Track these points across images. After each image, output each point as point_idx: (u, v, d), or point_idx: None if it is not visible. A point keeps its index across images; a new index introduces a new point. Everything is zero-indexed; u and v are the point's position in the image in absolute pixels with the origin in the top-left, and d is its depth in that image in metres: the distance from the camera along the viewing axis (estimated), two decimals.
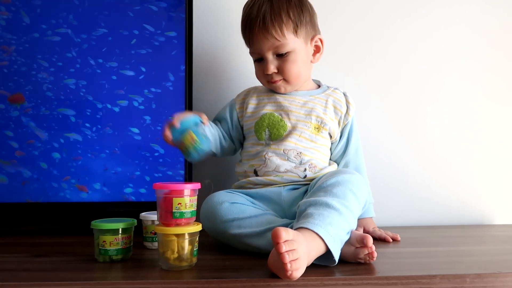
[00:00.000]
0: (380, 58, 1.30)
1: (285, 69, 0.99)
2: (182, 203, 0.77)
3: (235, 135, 1.07)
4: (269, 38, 0.97)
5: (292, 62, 0.99)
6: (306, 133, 1.00)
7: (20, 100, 1.08)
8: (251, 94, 1.07)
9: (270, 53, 0.99)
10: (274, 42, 0.97)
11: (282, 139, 1.00)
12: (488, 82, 1.33)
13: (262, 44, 0.98)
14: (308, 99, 1.04)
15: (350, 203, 0.82)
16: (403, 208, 1.28)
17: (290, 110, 1.01)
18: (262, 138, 1.01)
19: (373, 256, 0.79)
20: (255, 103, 1.05)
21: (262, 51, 0.99)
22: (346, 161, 1.06)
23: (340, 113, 1.04)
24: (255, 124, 1.02)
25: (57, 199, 1.09)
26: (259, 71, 1.03)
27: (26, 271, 0.77)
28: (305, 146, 1.00)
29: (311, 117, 1.01)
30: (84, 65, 1.11)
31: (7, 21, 1.10)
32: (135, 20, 1.12)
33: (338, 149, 1.06)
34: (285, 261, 0.68)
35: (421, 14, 1.31)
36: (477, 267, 0.80)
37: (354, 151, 1.07)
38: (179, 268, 0.77)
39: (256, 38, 0.98)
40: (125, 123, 1.11)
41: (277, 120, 1.01)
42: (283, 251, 0.68)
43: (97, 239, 0.82)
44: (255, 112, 1.04)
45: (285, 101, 1.03)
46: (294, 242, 0.70)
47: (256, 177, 0.99)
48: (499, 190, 1.32)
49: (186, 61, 1.13)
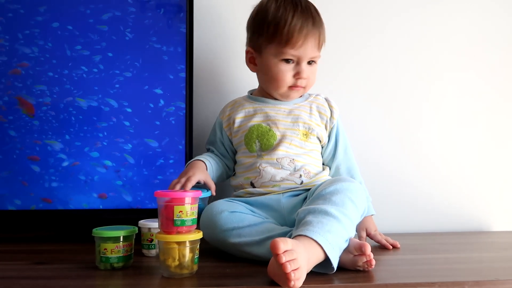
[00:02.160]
0: (379, 65, 1.31)
1: (312, 76, 1.03)
2: (183, 211, 0.78)
3: (230, 153, 1.08)
4: (317, 47, 1.01)
5: (315, 71, 1.04)
6: (296, 140, 1.01)
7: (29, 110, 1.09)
8: (235, 108, 1.07)
9: (307, 60, 1.01)
10: (316, 52, 1.02)
11: (273, 148, 1.00)
12: (486, 90, 1.34)
13: (309, 50, 1.00)
14: (293, 107, 1.05)
15: (348, 211, 0.83)
16: (401, 215, 1.28)
17: (277, 120, 1.03)
18: (254, 150, 1.02)
19: (371, 264, 0.80)
20: (241, 116, 1.05)
21: (306, 56, 1.00)
22: (337, 164, 1.07)
23: (325, 117, 1.06)
24: (244, 137, 1.03)
25: (58, 206, 1.09)
26: (286, 72, 1.01)
27: (27, 279, 0.78)
28: (296, 152, 1.01)
29: (299, 124, 1.03)
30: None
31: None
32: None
33: (328, 152, 1.07)
34: (287, 271, 0.69)
35: (419, 21, 1.32)
36: (475, 274, 0.80)
37: (343, 152, 1.08)
38: (180, 275, 0.77)
39: (308, 43, 0.99)
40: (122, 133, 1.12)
41: (265, 130, 1.02)
42: (283, 262, 0.69)
43: (98, 247, 0.83)
44: (242, 125, 1.04)
45: (271, 111, 1.04)
46: (294, 251, 0.71)
47: (253, 189, 1.00)
48: (498, 197, 1.33)
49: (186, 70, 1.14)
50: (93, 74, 1.12)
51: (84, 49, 1.12)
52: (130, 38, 1.13)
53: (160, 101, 1.12)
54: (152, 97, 1.12)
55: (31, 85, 1.10)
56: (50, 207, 1.09)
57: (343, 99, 1.10)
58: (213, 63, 1.27)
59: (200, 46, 1.22)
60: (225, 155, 1.09)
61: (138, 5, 1.13)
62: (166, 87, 1.13)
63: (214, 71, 1.27)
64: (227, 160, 1.09)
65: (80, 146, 1.10)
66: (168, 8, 1.15)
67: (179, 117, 1.13)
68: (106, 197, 1.10)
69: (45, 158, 1.09)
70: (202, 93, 1.24)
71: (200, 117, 1.23)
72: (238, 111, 1.06)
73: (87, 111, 1.11)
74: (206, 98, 1.25)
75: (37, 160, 1.09)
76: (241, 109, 1.06)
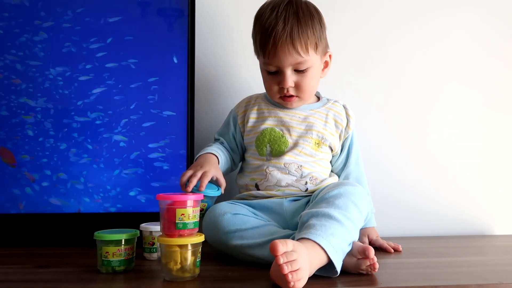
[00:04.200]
0: (380, 68, 1.31)
1: (302, 84, 0.97)
2: (185, 214, 0.78)
3: (240, 149, 1.07)
4: (294, 53, 0.94)
5: (309, 78, 0.98)
6: (307, 149, 1.00)
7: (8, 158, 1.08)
8: (251, 106, 1.06)
9: (290, 68, 0.97)
10: (298, 58, 0.95)
11: (283, 154, 1.00)
12: (489, 92, 1.33)
13: (284, 59, 0.95)
14: (309, 113, 1.03)
15: (352, 215, 0.83)
16: (404, 218, 1.28)
17: (291, 126, 1.01)
18: (264, 154, 1.01)
19: (375, 267, 0.79)
20: (255, 116, 1.04)
21: (283, 65, 0.96)
22: (347, 173, 1.07)
23: (340, 127, 1.04)
24: (256, 139, 1.02)
25: (59, 209, 1.09)
26: (272, 84, 0.99)
27: (28, 282, 0.77)
28: (305, 160, 1.00)
29: (312, 133, 1.01)
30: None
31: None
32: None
33: (339, 162, 1.07)
34: (284, 272, 0.69)
35: (421, 24, 1.32)
36: (478, 277, 0.80)
37: (354, 163, 1.07)
38: (182, 279, 0.77)
39: (279, 52, 0.94)
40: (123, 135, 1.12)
41: (278, 136, 1.01)
42: (281, 263, 0.69)
43: (100, 250, 0.82)
44: (255, 126, 1.03)
45: (286, 116, 1.02)
46: (294, 253, 0.71)
47: (257, 191, 0.99)
48: (500, 200, 1.32)
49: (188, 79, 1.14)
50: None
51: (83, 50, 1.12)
52: (131, 43, 1.13)
53: (161, 106, 1.12)
54: (153, 102, 1.12)
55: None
56: (52, 211, 1.09)
57: (344, 101, 1.10)
58: (215, 67, 1.27)
59: (202, 50, 1.23)
60: (235, 150, 1.07)
61: (140, 10, 1.14)
62: (167, 92, 1.13)
63: (216, 76, 1.27)
64: (235, 155, 1.07)
65: (81, 150, 1.11)
66: (170, 13, 1.15)
67: (181, 122, 1.12)
68: (108, 200, 1.10)
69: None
70: (203, 99, 1.24)
71: (202, 123, 1.23)
72: (254, 110, 1.04)
73: (90, 116, 1.11)
74: (208, 103, 1.25)
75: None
76: (256, 108, 1.05)
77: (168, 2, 1.14)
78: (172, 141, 1.12)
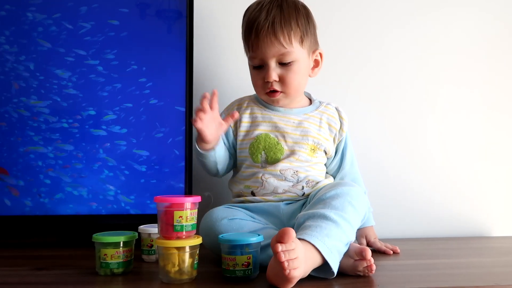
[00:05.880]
0: (379, 69, 1.31)
1: (287, 78, 0.96)
2: (183, 216, 0.78)
3: (232, 152, 1.05)
4: (276, 44, 0.94)
5: (295, 73, 0.97)
6: (303, 156, 0.99)
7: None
8: (243, 110, 1.03)
9: (274, 60, 0.96)
10: (281, 49, 0.94)
11: (278, 161, 0.99)
12: (488, 93, 1.34)
13: (267, 50, 0.94)
14: (303, 118, 1.02)
15: (348, 215, 0.83)
16: (402, 220, 1.28)
17: (286, 132, 0.99)
18: (258, 161, 0.99)
19: (372, 269, 0.79)
20: (248, 121, 1.02)
21: (266, 57, 0.95)
22: (342, 175, 1.07)
23: (334, 130, 1.03)
24: (250, 146, 1.00)
25: (57, 212, 1.09)
26: (257, 79, 0.99)
27: (27, 284, 0.78)
28: (301, 165, 0.99)
29: (308, 138, 1.00)
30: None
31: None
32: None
33: (333, 164, 1.07)
34: (281, 260, 0.69)
35: (419, 24, 1.32)
36: (476, 279, 0.80)
37: (349, 165, 1.07)
38: (179, 281, 0.77)
39: (261, 43, 0.94)
40: (123, 137, 1.12)
41: (273, 143, 0.99)
42: (279, 251, 0.69)
43: (98, 252, 0.83)
44: (249, 131, 1.01)
45: (280, 121, 1.00)
46: (292, 243, 0.71)
47: (253, 197, 0.99)
48: (498, 202, 1.32)
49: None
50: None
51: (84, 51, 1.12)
52: (130, 44, 1.13)
53: (160, 107, 1.12)
54: (151, 102, 1.12)
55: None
56: (49, 213, 1.09)
57: (343, 103, 1.10)
58: (213, 69, 1.27)
59: (200, 51, 1.23)
60: (230, 150, 1.04)
61: (138, 11, 1.14)
62: (166, 92, 1.13)
63: (215, 78, 1.27)
64: (231, 155, 1.05)
65: (79, 152, 1.11)
66: (168, 14, 1.15)
67: (180, 123, 1.13)
68: (106, 202, 1.10)
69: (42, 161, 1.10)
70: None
71: None
72: (246, 114, 1.02)
73: (89, 116, 1.12)
74: None
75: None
76: (249, 112, 1.02)
77: (166, 4, 1.15)
78: (170, 143, 1.12)
